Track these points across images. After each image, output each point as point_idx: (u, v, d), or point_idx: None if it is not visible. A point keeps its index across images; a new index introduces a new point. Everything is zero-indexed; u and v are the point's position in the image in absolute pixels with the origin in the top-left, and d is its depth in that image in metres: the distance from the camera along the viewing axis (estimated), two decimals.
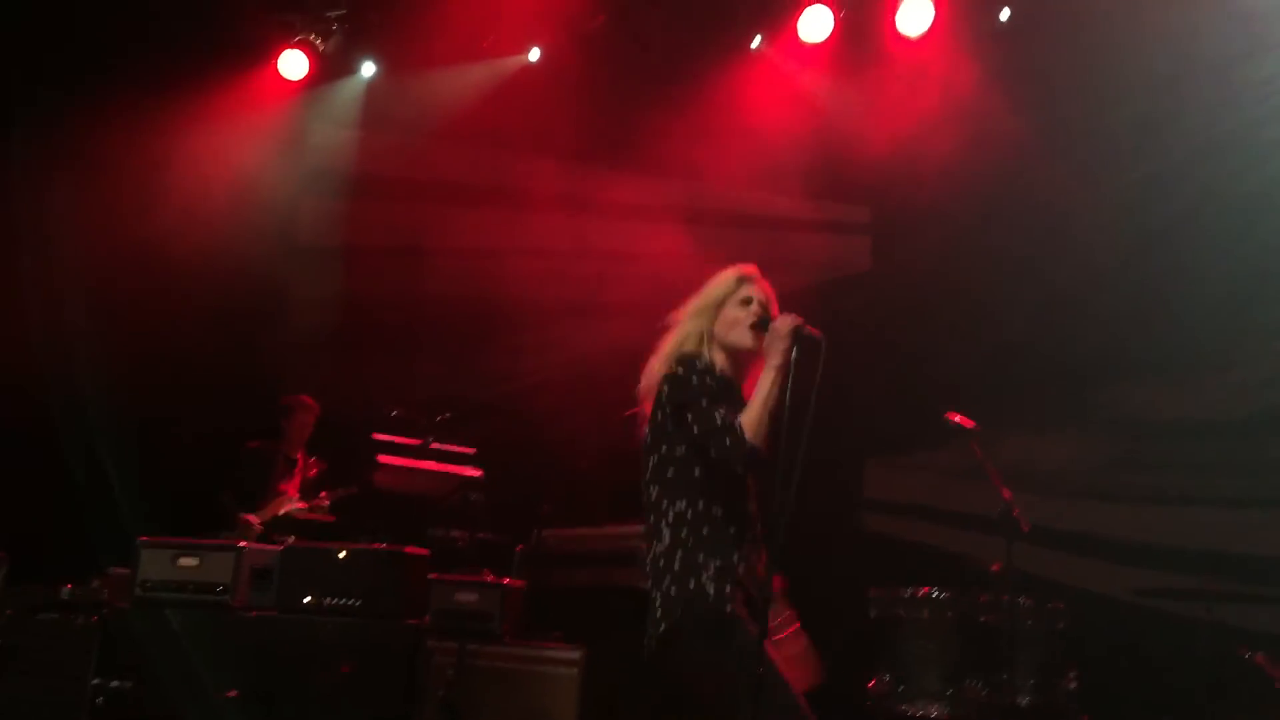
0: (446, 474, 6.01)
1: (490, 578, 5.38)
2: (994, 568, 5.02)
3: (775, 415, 3.19)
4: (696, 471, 3.23)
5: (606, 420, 5.91)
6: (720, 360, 3.35)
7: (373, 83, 8.10)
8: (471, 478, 5.98)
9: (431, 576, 5.41)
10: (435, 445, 6.00)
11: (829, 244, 7.90)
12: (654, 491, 3.26)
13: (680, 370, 3.27)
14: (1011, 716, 5.42)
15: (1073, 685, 5.58)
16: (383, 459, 5.94)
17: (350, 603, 5.25)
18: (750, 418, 3.16)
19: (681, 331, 3.42)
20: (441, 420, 6.04)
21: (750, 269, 3.45)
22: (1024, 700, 5.37)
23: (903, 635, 5.23)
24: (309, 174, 8.23)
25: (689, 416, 3.20)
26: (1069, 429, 6.75)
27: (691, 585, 3.12)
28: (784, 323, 3.22)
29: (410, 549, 5.42)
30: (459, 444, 6.11)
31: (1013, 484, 5.00)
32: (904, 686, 5.16)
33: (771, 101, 7.51)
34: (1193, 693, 5.57)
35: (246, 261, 7.53)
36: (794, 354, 3.18)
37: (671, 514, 3.21)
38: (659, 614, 3.17)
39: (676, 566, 3.15)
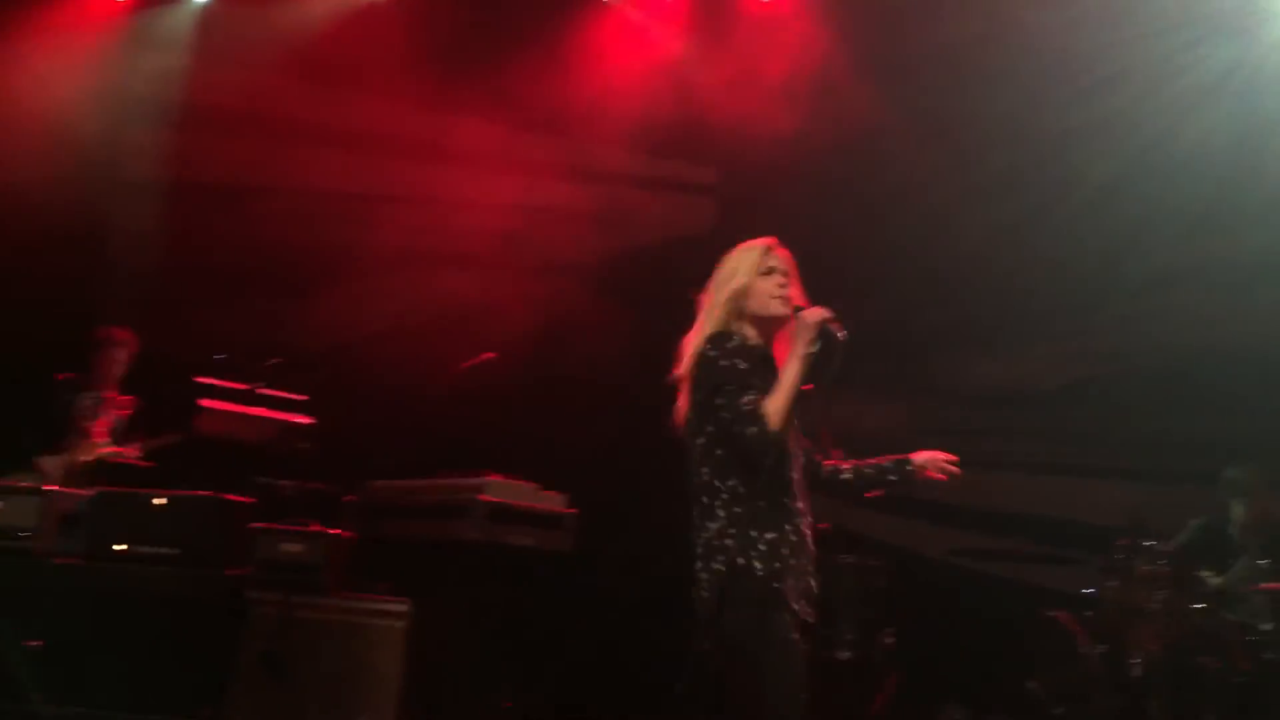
0: (274, 421, 5.82)
1: (317, 528, 5.24)
2: (822, 526, 5.14)
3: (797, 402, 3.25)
4: None
5: (443, 371, 5.85)
6: (752, 334, 3.37)
7: (207, 8, 7.71)
8: (301, 425, 5.80)
9: (255, 526, 5.24)
10: (263, 391, 5.79)
11: (672, 203, 7.93)
12: (705, 473, 3.28)
13: (711, 351, 3.29)
14: (830, 670, 5.60)
15: (889, 641, 5.80)
16: (206, 403, 5.70)
17: (167, 551, 5.06)
18: (775, 406, 3.17)
19: (713, 307, 3.41)
20: (270, 366, 5.83)
21: (771, 240, 3.47)
22: (844, 655, 5.55)
23: None
24: (135, 103, 7.79)
25: (719, 401, 3.23)
26: (898, 395, 6.98)
27: (741, 561, 3.15)
28: (813, 314, 3.26)
29: (233, 497, 5.24)
30: (289, 391, 5.91)
31: (843, 445, 5.13)
32: None
33: (622, 55, 7.48)
34: (1000, 649, 5.86)
35: (65, 192, 7.10)
36: (817, 346, 3.22)
37: (725, 492, 3.23)
38: (707, 591, 3.20)
39: (730, 543, 3.18)
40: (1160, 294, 7.26)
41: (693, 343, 3.38)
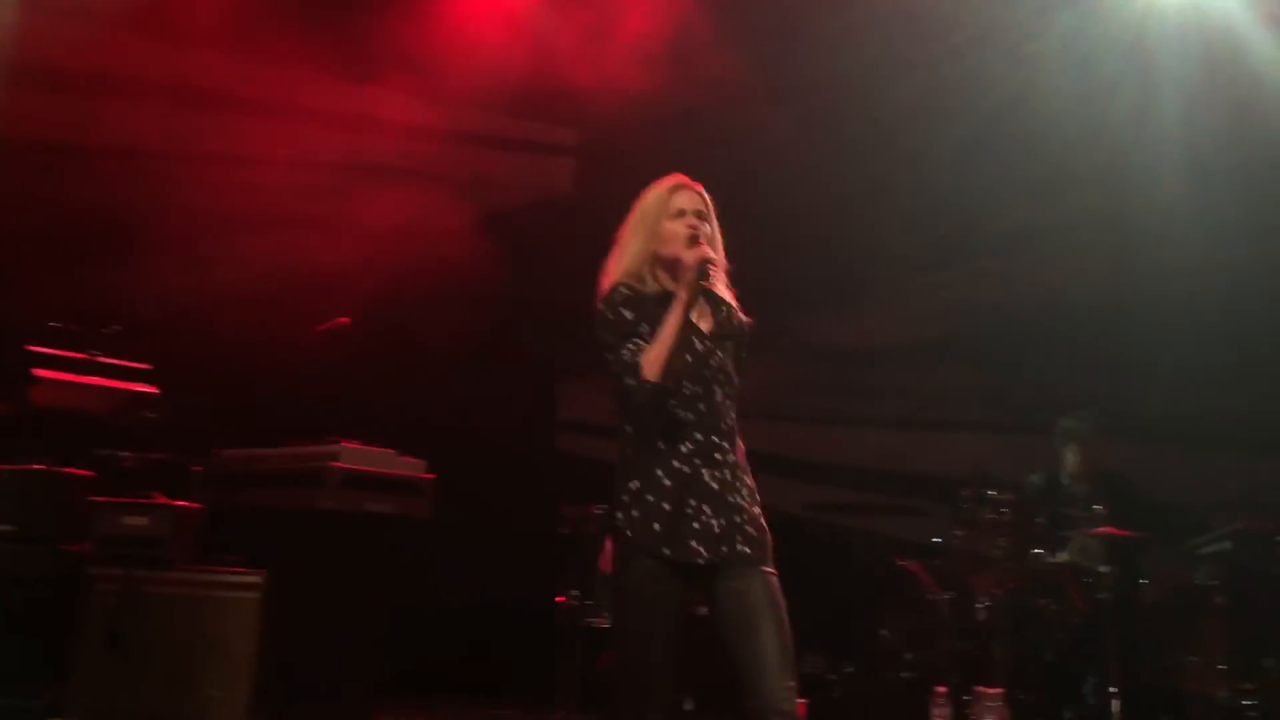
0: (115, 390, 5.57)
1: (162, 500, 5.06)
2: None
3: (681, 347, 3.17)
4: None
5: (293, 337, 5.69)
6: (664, 277, 3.29)
7: None
8: (144, 394, 5.56)
9: (95, 499, 5.03)
10: (102, 360, 5.54)
11: (531, 164, 7.87)
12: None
13: (600, 305, 3.26)
14: (691, 626, 5.69)
15: None
16: (39, 373, 5.43)
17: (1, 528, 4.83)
18: (651, 355, 3.11)
19: (622, 251, 3.35)
20: (110, 333, 5.57)
21: (680, 178, 3.38)
22: (701, 610, 5.62)
23: (591, 551, 5.36)
24: None
25: (607, 355, 3.20)
26: (756, 352, 7.07)
27: (616, 512, 3.16)
28: (692, 255, 3.19)
29: (70, 469, 5.03)
30: (131, 359, 5.67)
31: None
32: (591, 601, 5.30)
33: (481, 12, 7.34)
34: (855, 600, 6.03)
35: None
36: (697, 289, 3.18)
37: (624, 440, 3.22)
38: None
39: (616, 490, 3.19)
40: (1009, 253, 7.54)
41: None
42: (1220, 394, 7.16)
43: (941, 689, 4.90)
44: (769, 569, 3.19)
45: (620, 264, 3.35)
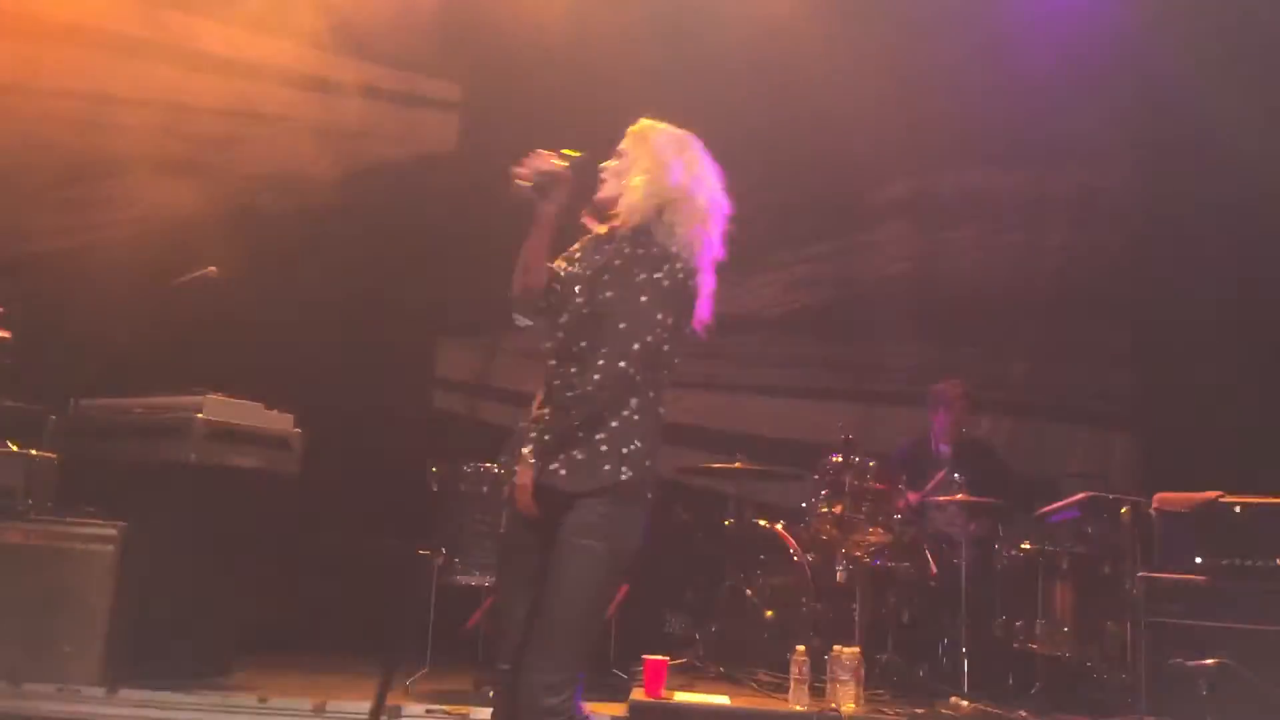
0: None
1: (15, 448, 4.90)
2: None
3: (531, 263, 3.18)
4: None
5: (159, 284, 5.53)
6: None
7: None
8: None
9: None
10: None
11: (416, 119, 7.76)
12: None
13: None
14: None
15: None
16: None
17: None
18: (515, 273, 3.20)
19: None
20: None
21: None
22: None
23: (462, 509, 5.35)
24: None
25: None
26: None
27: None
28: (527, 168, 3.15)
29: None
30: None
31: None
32: (459, 559, 5.29)
33: None
34: (722, 562, 6.13)
35: None
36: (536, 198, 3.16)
37: None
38: None
39: None
40: (880, 226, 7.72)
41: None
42: (1076, 370, 7.48)
43: (802, 648, 5.03)
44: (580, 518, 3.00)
45: None
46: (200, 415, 4.98)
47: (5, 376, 5.12)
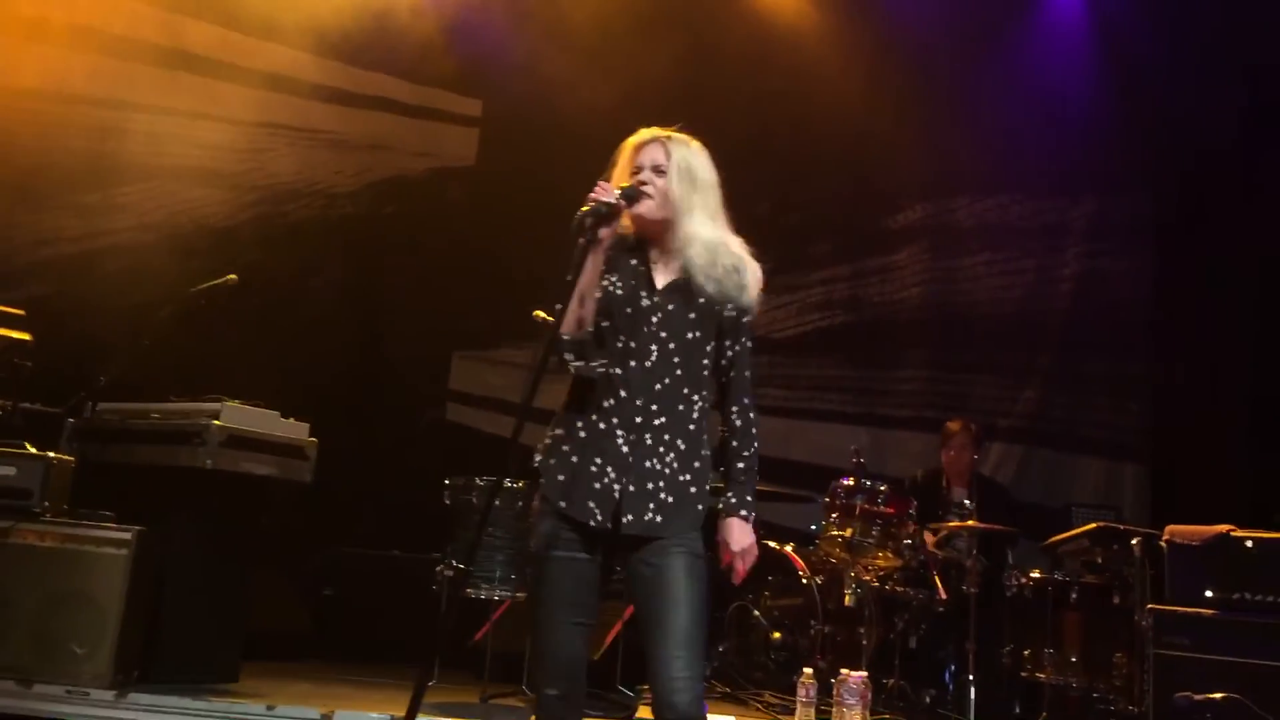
0: None
1: (33, 450, 4.93)
2: None
3: (614, 302, 3.07)
4: None
5: (180, 291, 5.57)
6: (627, 224, 3.15)
7: None
8: (18, 341, 5.40)
9: None
10: None
11: (437, 133, 7.82)
12: None
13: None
14: None
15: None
16: None
17: None
18: (566, 307, 2.99)
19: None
20: None
21: (651, 132, 3.20)
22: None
23: (475, 522, 5.35)
24: None
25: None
26: None
27: (538, 455, 3.09)
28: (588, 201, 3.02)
29: None
30: (3, 305, 5.49)
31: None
32: (471, 571, 5.29)
33: None
34: (728, 581, 6.13)
35: None
36: (589, 239, 3.00)
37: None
38: None
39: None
40: (895, 251, 7.75)
41: None
42: (1088, 399, 7.49)
43: (809, 670, 5.03)
44: (687, 548, 3.02)
45: None
46: (217, 422, 5.00)
47: (24, 379, 5.16)
